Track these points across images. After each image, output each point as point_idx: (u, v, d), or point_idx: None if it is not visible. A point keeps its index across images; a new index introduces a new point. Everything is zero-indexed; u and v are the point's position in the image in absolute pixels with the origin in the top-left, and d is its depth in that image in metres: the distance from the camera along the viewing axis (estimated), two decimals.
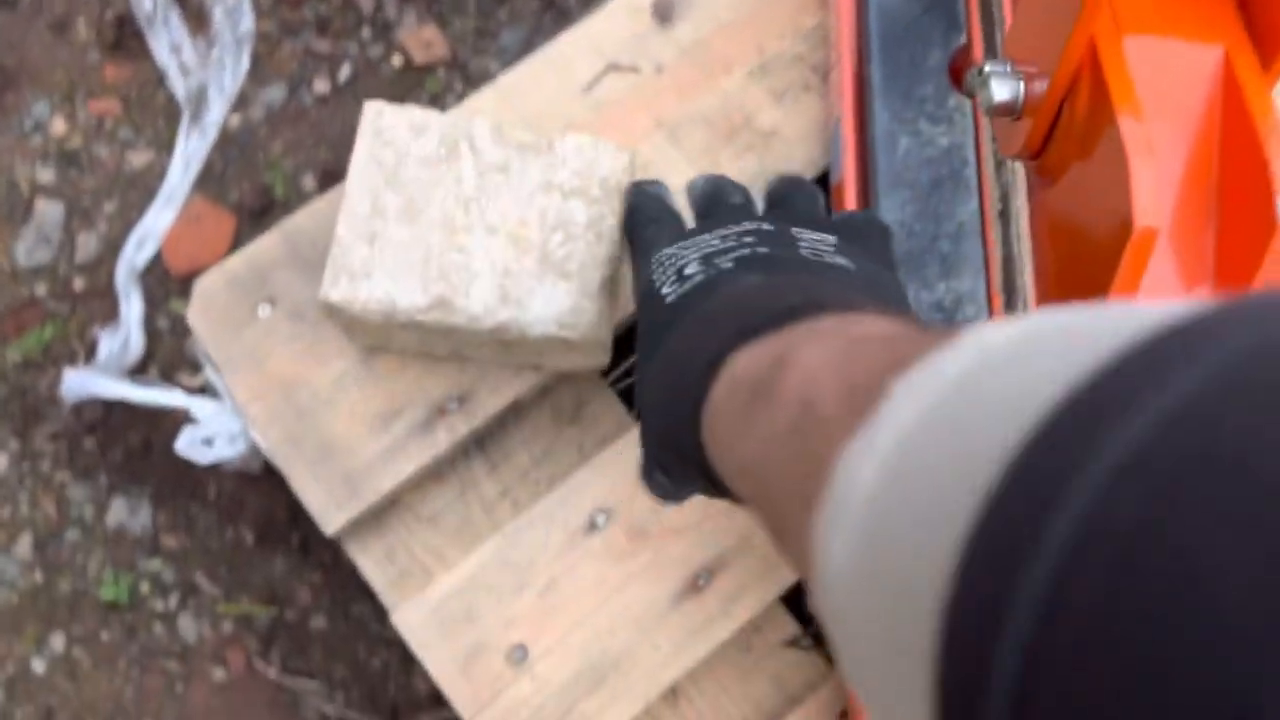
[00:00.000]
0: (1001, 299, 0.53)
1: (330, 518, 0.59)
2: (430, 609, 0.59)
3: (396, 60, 0.86)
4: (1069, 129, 0.42)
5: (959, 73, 0.58)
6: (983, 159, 0.56)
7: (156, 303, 0.81)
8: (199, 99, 0.84)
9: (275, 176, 0.84)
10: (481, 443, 0.63)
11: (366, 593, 0.72)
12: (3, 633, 0.77)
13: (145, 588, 0.78)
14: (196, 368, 0.79)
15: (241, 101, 0.85)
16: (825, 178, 0.63)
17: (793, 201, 0.48)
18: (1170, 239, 0.41)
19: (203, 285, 0.62)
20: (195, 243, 0.82)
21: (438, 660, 0.58)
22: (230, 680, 0.76)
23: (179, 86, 0.84)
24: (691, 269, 0.42)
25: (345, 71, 0.86)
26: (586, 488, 0.60)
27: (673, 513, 0.59)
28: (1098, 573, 0.15)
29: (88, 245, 0.83)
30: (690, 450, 0.36)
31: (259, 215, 0.83)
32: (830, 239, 0.44)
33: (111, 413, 0.80)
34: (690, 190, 0.50)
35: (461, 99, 0.66)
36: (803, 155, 0.64)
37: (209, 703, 0.76)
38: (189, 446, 0.66)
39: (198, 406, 0.68)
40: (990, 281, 0.54)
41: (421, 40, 0.86)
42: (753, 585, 0.58)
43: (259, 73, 0.86)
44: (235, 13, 0.83)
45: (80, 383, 0.71)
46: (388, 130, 0.57)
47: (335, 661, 0.77)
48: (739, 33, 0.66)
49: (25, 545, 0.78)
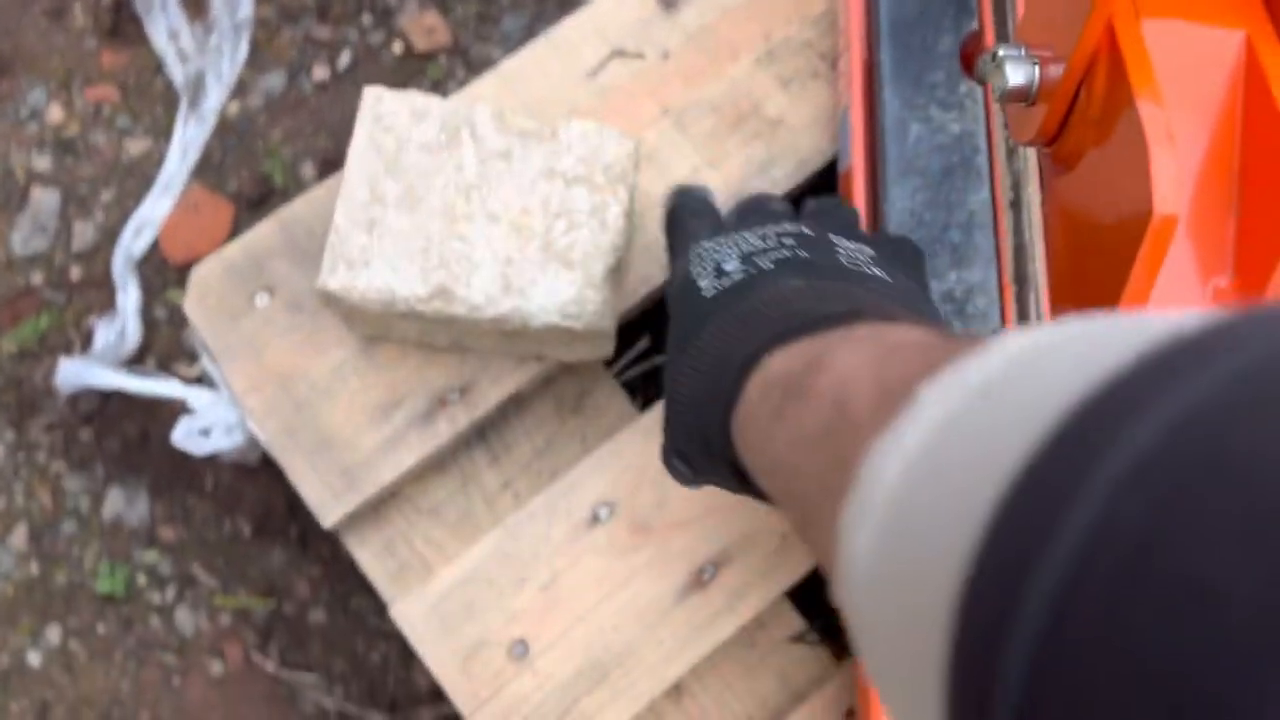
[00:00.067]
0: (1013, 289, 0.52)
1: (328, 510, 0.58)
2: (430, 603, 0.58)
3: (397, 47, 0.85)
4: (1085, 115, 0.41)
5: (970, 58, 0.57)
6: (994, 146, 0.55)
7: (154, 292, 0.80)
8: (197, 86, 0.83)
9: (274, 165, 0.83)
10: (483, 434, 0.62)
11: (366, 586, 0.72)
12: None
13: (142, 580, 0.77)
14: (194, 358, 0.78)
15: (240, 89, 0.84)
16: (833, 166, 0.62)
17: (830, 214, 0.48)
18: (1189, 228, 0.40)
19: (199, 274, 0.61)
20: (193, 231, 0.81)
21: (437, 655, 0.57)
22: (228, 673, 0.75)
23: (177, 73, 0.83)
24: (730, 265, 0.42)
25: (345, 58, 0.85)
26: (589, 480, 0.59)
27: (677, 506, 0.58)
28: (1102, 584, 0.16)
29: (84, 234, 0.82)
30: (719, 446, 0.37)
31: (257, 204, 0.82)
32: (868, 250, 0.45)
33: (108, 403, 0.79)
34: (728, 209, 0.50)
35: (464, 86, 0.65)
36: (810, 143, 0.63)
37: (206, 696, 0.75)
38: (185, 437, 0.66)
39: (195, 397, 0.67)
40: (1002, 271, 0.53)
41: (423, 26, 0.85)
42: (758, 580, 0.58)
43: (258, 59, 0.85)
44: None
45: (75, 373, 0.70)
46: (388, 116, 0.56)
47: (334, 655, 0.76)
48: (746, 18, 0.65)
49: (21, 536, 0.77)
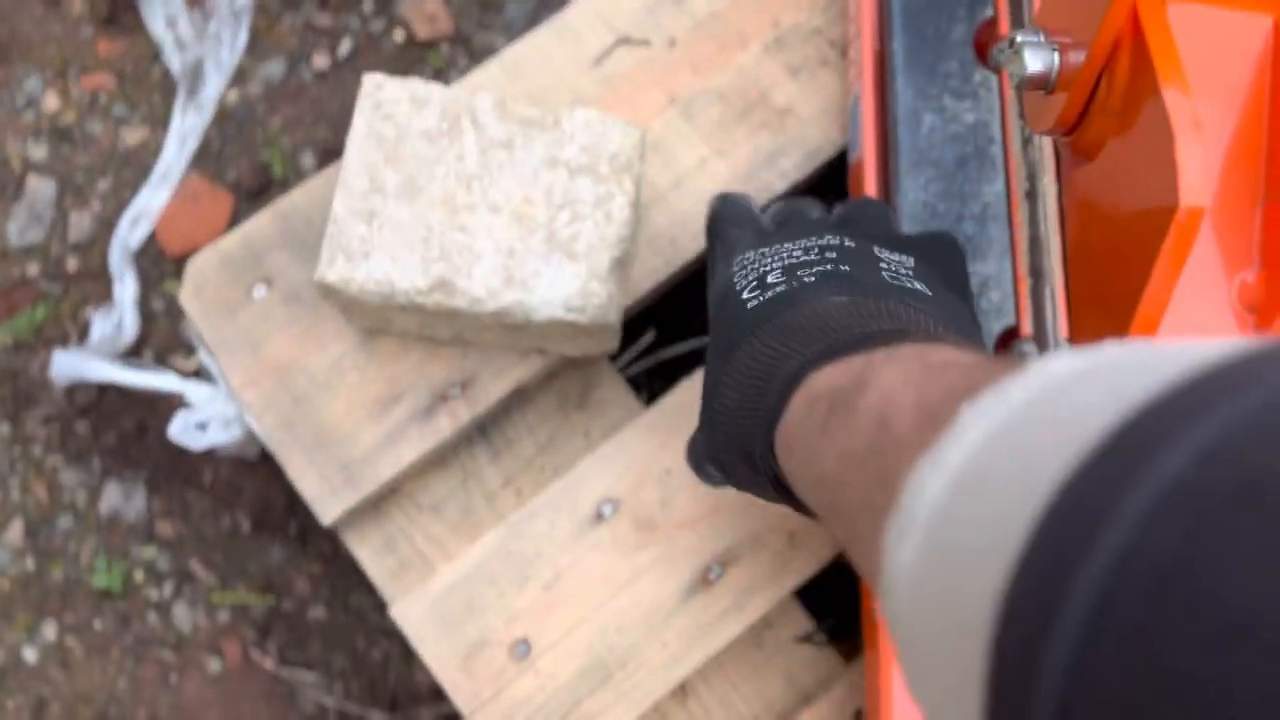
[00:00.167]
0: (1028, 282, 0.51)
1: (327, 507, 0.57)
2: (430, 602, 0.56)
3: (398, 35, 0.84)
4: (1107, 103, 0.40)
5: (984, 46, 0.56)
6: (1009, 136, 0.54)
7: (151, 284, 0.79)
8: (195, 74, 0.81)
9: (273, 154, 0.82)
10: (484, 429, 0.61)
11: (366, 582, 0.71)
12: None
13: (139, 576, 0.76)
14: (192, 350, 0.77)
15: (239, 77, 0.83)
16: (843, 156, 0.61)
17: (867, 218, 0.47)
18: (1214, 220, 0.39)
19: (196, 266, 0.60)
20: (191, 222, 0.80)
21: (438, 655, 0.56)
22: (226, 671, 0.74)
23: (175, 61, 0.82)
24: (774, 278, 0.43)
25: (346, 46, 0.84)
26: (593, 477, 0.58)
27: (682, 504, 0.57)
28: (1131, 607, 0.17)
29: (81, 224, 0.81)
30: (763, 458, 0.38)
31: (256, 194, 0.81)
32: (909, 262, 0.45)
33: (105, 396, 0.77)
34: (766, 211, 0.51)
35: (466, 75, 0.64)
36: (820, 133, 0.61)
37: (204, 694, 0.74)
38: (182, 432, 0.64)
39: (191, 390, 0.65)
40: (1017, 264, 0.52)
41: (424, 14, 0.84)
42: (765, 580, 0.56)
43: (257, 47, 0.84)
44: None
45: (70, 365, 0.69)
46: (388, 103, 0.54)
47: (334, 652, 0.75)
48: (754, 5, 0.64)
49: (16, 531, 0.76)
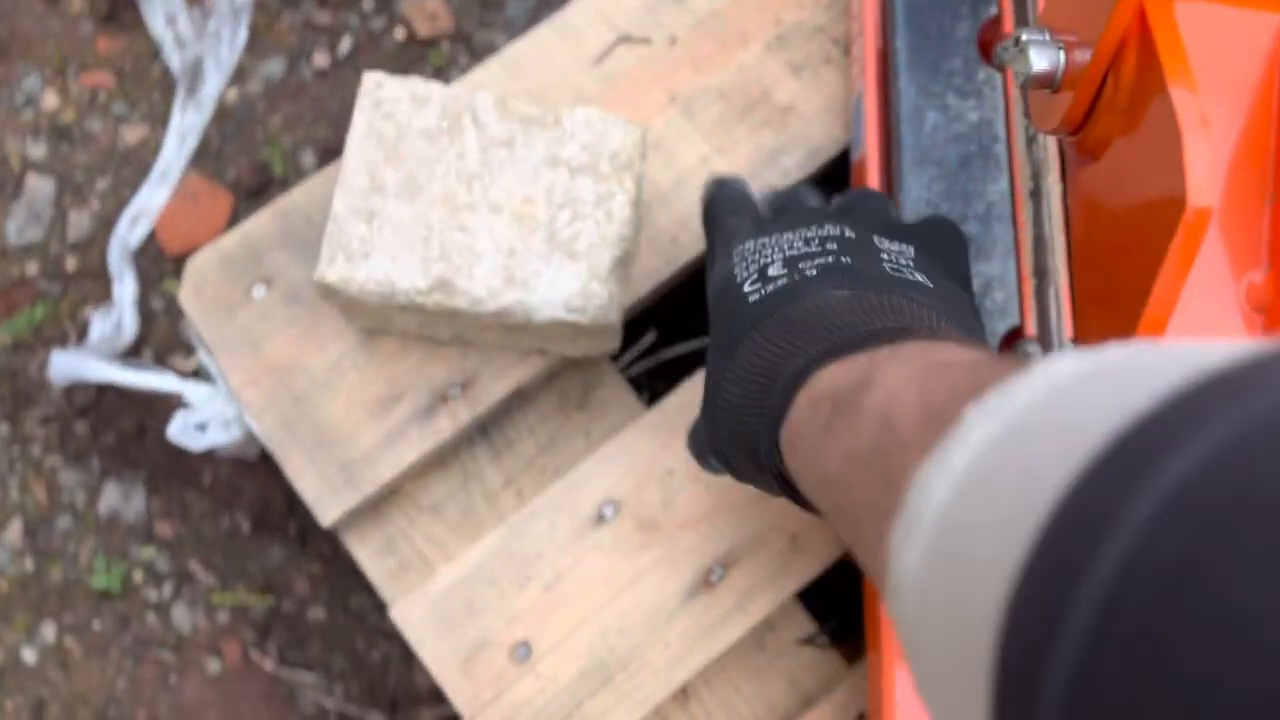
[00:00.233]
0: (1032, 283, 0.51)
1: (327, 508, 0.57)
2: (430, 603, 0.56)
3: (399, 33, 0.84)
4: (1113, 102, 0.39)
5: (988, 45, 0.56)
6: (1013, 135, 0.53)
7: (150, 283, 0.79)
8: (195, 72, 0.81)
9: (273, 153, 0.81)
10: (485, 430, 0.60)
11: (366, 583, 0.70)
12: None
13: (138, 576, 0.75)
14: (191, 350, 0.77)
15: (239, 75, 0.83)
16: (845, 155, 0.61)
17: (866, 208, 0.47)
18: (1222, 220, 0.39)
19: (195, 265, 0.60)
20: (191, 221, 0.80)
21: (438, 657, 0.56)
22: (225, 672, 0.74)
23: (174, 59, 0.82)
24: (775, 270, 0.42)
25: (346, 44, 0.84)
26: (594, 477, 0.57)
27: (684, 505, 0.57)
28: (1137, 610, 0.17)
29: (80, 223, 0.81)
30: (768, 456, 0.38)
31: (256, 193, 0.81)
32: (909, 251, 0.44)
33: (104, 396, 0.77)
34: (761, 200, 0.50)
35: (466, 73, 0.63)
36: (822, 131, 0.61)
37: (203, 694, 0.74)
38: (181, 432, 0.64)
39: (191, 391, 0.65)
40: (1021, 264, 0.52)
41: (425, 12, 0.83)
42: (768, 581, 0.56)
43: (257, 45, 0.83)
44: None
45: (68, 365, 0.69)
46: (388, 102, 0.54)
47: (334, 653, 0.74)
48: (756, 3, 0.63)
49: (15, 532, 0.76)
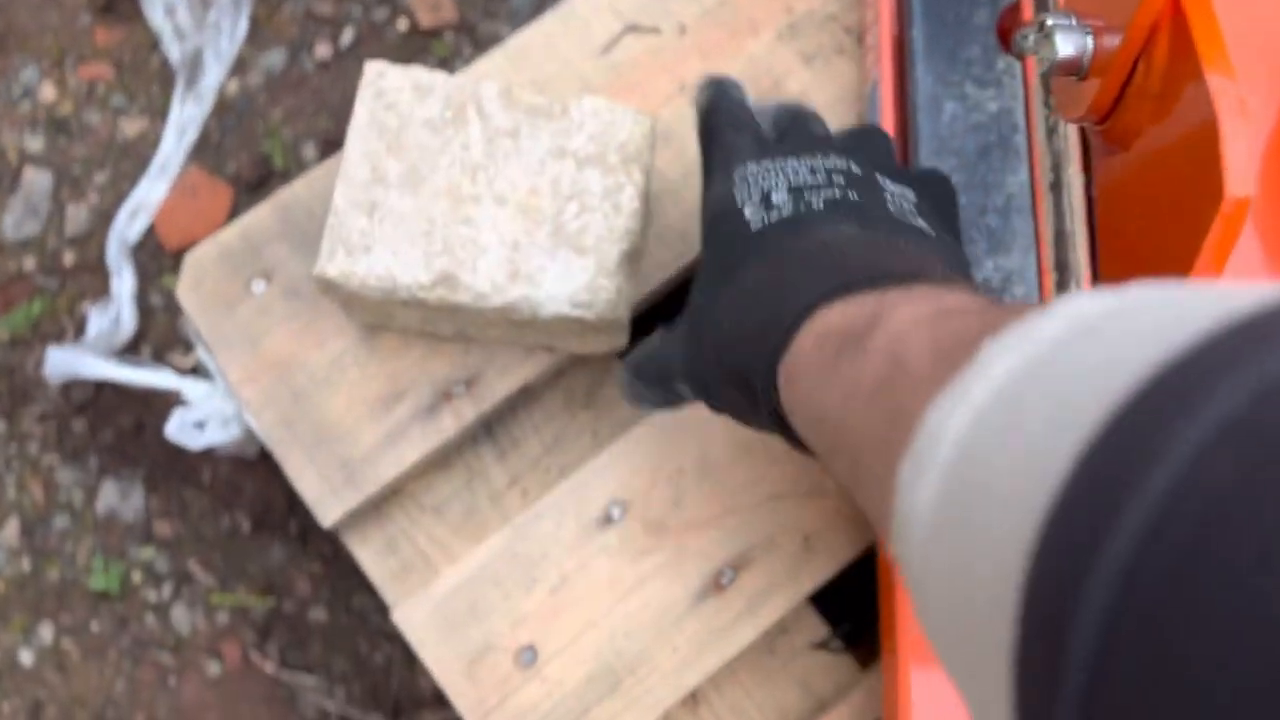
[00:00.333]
0: (1053, 277, 0.49)
1: (327, 508, 0.56)
2: (433, 606, 0.55)
3: (402, 24, 0.82)
4: (1144, 89, 0.38)
5: (1007, 32, 0.54)
6: (1033, 125, 0.52)
7: (149, 278, 0.78)
8: (194, 64, 0.80)
9: (274, 146, 0.80)
10: (489, 428, 0.59)
11: (368, 584, 0.69)
12: None
13: (137, 576, 0.74)
14: (190, 347, 0.75)
15: (239, 67, 0.81)
16: None
17: (871, 146, 0.45)
18: (1257, 211, 0.37)
19: (193, 259, 0.59)
20: (190, 215, 0.78)
21: (441, 660, 0.54)
22: (225, 674, 0.73)
23: (174, 51, 0.80)
24: (779, 198, 0.41)
25: (348, 35, 0.82)
26: (601, 477, 0.56)
27: (693, 506, 0.55)
28: (1192, 523, 0.16)
29: (78, 217, 0.79)
30: (765, 391, 0.36)
31: (257, 187, 0.79)
32: (911, 195, 0.43)
33: (102, 393, 0.76)
34: (761, 112, 0.47)
35: (470, 64, 0.62)
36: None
37: (203, 697, 0.72)
38: (180, 430, 0.63)
39: (189, 388, 0.64)
40: (1041, 258, 0.50)
41: (428, 2, 0.82)
42: (779, 584, 0.55)
43: (258, 36, 0.82)
44: None
45: (64, 362, 0.67)
46: (390, 92, 0.52)
47: (335, 655, 0.73)
48: None
49: (12, 531, 0.75)
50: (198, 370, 0.70)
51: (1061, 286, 0.48)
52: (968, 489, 0.22)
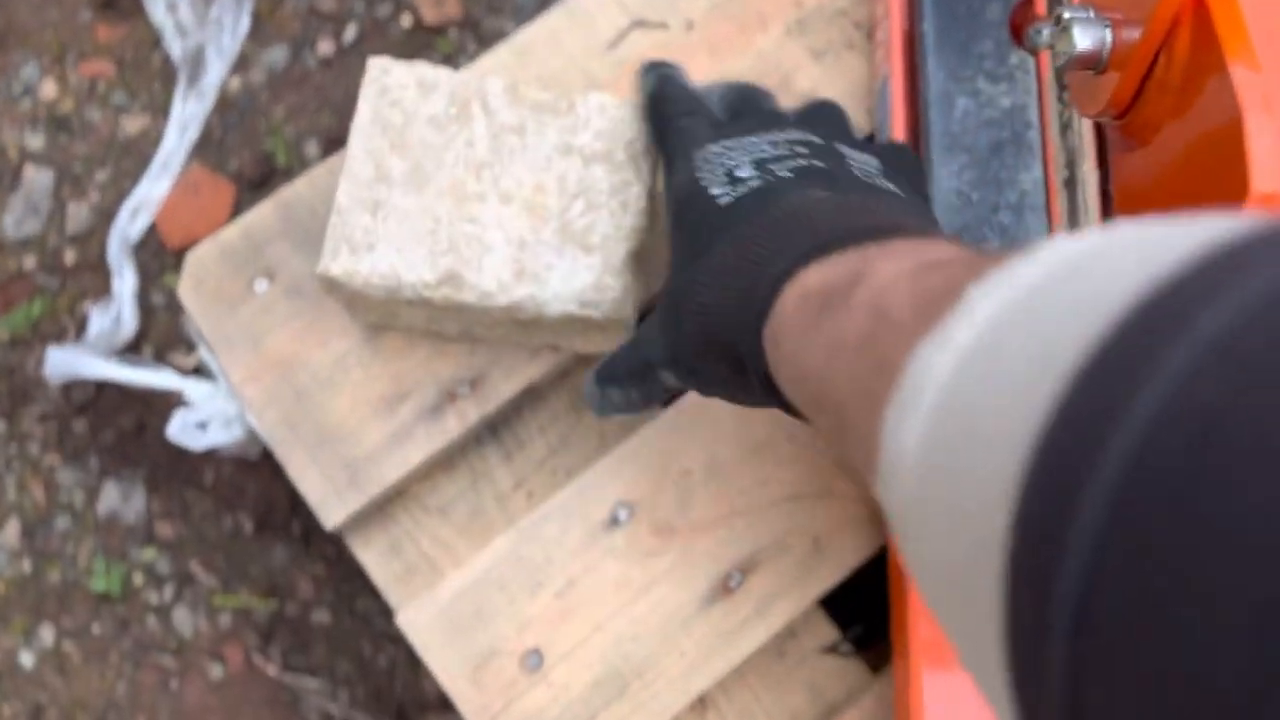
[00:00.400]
0: None
1: (330, 510, 0.55)
2: (438, 609, 0.54)
3: (406, 20, 0.81)
4: (1165, 82, 0.37)
5: (1020, 27, 0.53)
6: (1047, 121, 0.51)
7: (151, 277, 0.77)
8: (196, 61, 0.79)
9: (277, 143, 0.79)
10: (495, 429, 0.58)
11: (372, 586, 0.68)
12: None
13: (138, 578, 0.73)
14: (192, 346, 0.75)
15: (241, 63, 0.80)
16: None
17: (825, 119, 0.46)
18: None
19: (195, 258, 0.58)
20: (192, 213, 0.78)
21: (445, 665, 0.54)
22: (228, 677, 0.72)
23: (175, 47, 0.79)
24: (744, 172, 0.41)
25: (351, 32, 0.81)
26: (608, 479, 0.55)
27: (701, 507, 0.54)
28: (1181, 442, 0.16)
29: (79, 215, 0.79)
30: (751, 356, 0.36)
31: (259, 184, 0.79)
32: (875, 162, 0.43)
33: (103, 393, 0.75)
34: (707, 93, 0.48)
35: (475, 60, 0.61)
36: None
37: (205, 700, 0.72)
38: (181, 431, 0.62)
39: (191, 388, 0.63)
40: None
41: None
42: (789, 587, 0.54)
43: (260, 33, 0.81)
44: None
45: (65, 362, 0.67)
46: (394, 88, 0.52)
47: (339, 658, 0.72)
48: None
49: (12, 532, 0.74)
50: (200, 370, 0.69)
51: None
52: (953, 431, 0.22)
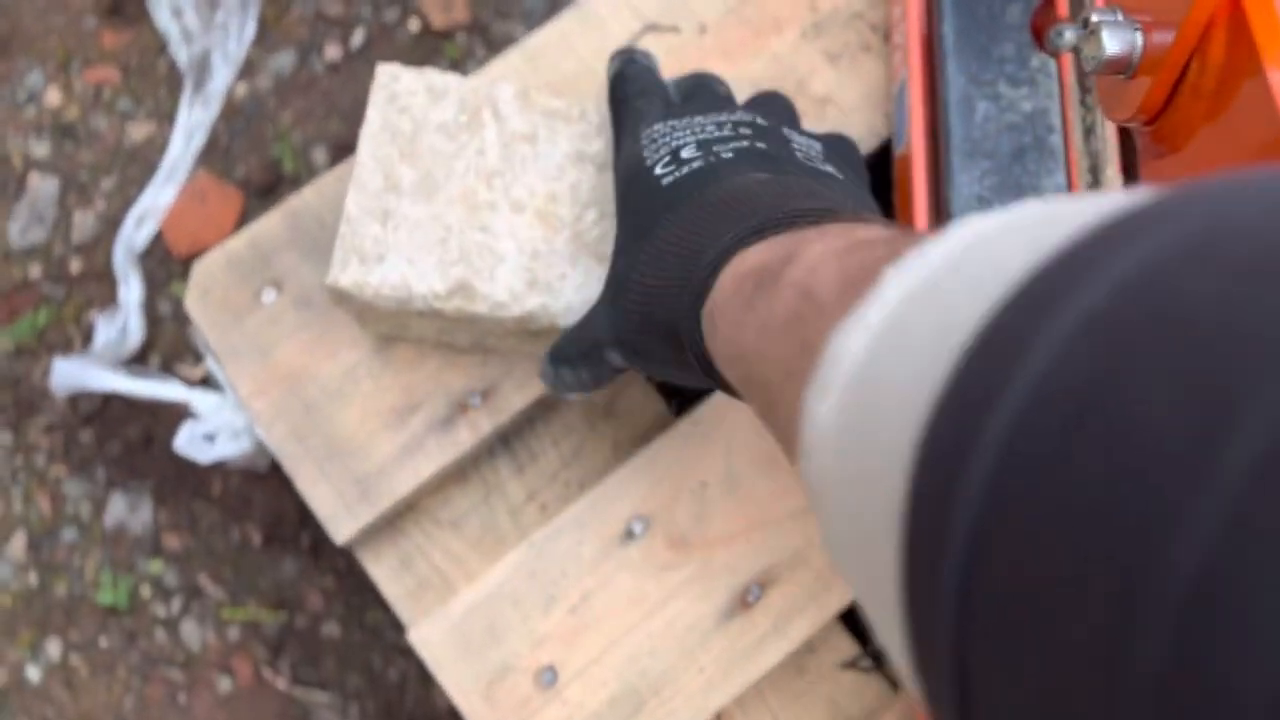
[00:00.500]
0: None
1: (341, 525, 0.54)
2: (450, 625, 0.53)
3: (413, 24, 0.80)
4: (1198, 87, 0.36)
5: (1041, 30, 0.52)
6: (1069, 126, 0.50)
7: (157, 286, 0.76)
8: (202, 67, 0.78)
9: (284, 150, 0.78)
10: (507, 441, 0.57)
11: (382, 599, 0.67)
12: None
13: (146, 591, 0.73)
14: (200, 356, 0.74)
15: (248, 69, 0.80)
16: (887, 148, 0.57)
17: (774, 105, 0.48)
18: None
19: (201, 268, 0.57)
20: (199, 221, 0.77)
21: (458, 681, 0.53)
22: (236, 690, 0.71)
23: (181, 53, 0.79)
24: (689, 153, 0.42)
25: (359, 37, 0.80)
26: (622, 491, 0.54)
27: (718, 520, 0.53)
28: (1053, 422, 0.17)
29: (84, 224, 0.78)
30: (690, 336, 0.37)
31: (266, 192, 0.78)
32: (817, 146, 0.45)
33: (109, 404, 0.74)
34: (673, 83, 0.50)
35: (484, 65, 0.60)
36: (861, 122, 0.58)
37: (214, 714, 0.71)
38: (189, 443, 0.61)
39: (198, 400, 0.62)
40: None
41: (440, 2, 0.80)
42: (808, 601, 0.53)
43: (266, 38, 0.80)
44: None
45: (71, 374, 0.66)
46: (403, 95, 0.51)
47: (349, 672, 0.71)
48: None
49: (19, 545, 0.73)
50: (207, 381, 0.68)
51: None
52: (864, 405, 0.23)
